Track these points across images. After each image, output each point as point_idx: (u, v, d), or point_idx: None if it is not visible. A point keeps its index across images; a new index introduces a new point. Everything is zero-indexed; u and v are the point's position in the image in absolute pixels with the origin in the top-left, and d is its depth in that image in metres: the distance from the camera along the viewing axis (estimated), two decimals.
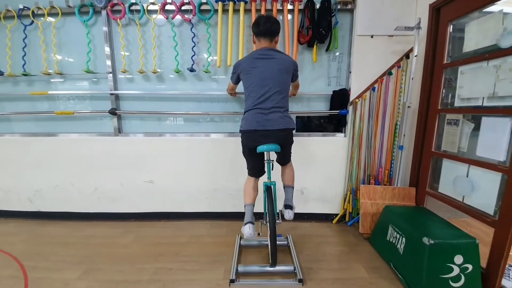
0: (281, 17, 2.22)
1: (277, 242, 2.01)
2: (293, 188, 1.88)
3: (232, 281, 1.62)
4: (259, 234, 1.76)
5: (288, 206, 1.83)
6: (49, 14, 2.23)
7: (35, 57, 2.33)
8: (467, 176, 1.73)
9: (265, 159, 1.75)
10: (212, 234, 2.25)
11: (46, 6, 2.19)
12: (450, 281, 1.47)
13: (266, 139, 1.63)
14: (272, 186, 1.74)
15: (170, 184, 2.46)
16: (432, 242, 1.46)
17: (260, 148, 1.64)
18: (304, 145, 2.37)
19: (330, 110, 2.35)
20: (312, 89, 2.37)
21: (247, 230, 1.65)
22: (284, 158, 1.85)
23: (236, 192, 2.45)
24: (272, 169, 1.74)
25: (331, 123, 2.42)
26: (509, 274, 1.57)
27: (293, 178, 1.89)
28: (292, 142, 1.79)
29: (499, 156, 1.50)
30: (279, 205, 1.89)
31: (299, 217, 2.48)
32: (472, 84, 1.70)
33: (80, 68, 2.27)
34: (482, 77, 1.61)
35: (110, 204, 2.51)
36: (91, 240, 2.17)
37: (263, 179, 1.81)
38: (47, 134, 2.45)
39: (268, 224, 1.67)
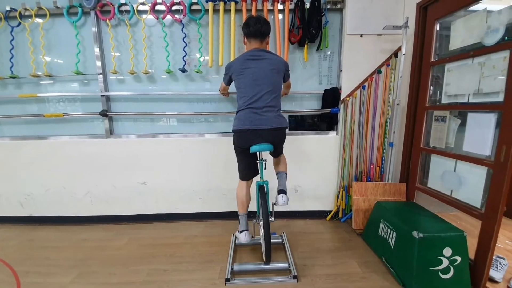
0: (272, 17, 2.23)
1: (272, 240, 2.04)
2: (286, 174, 1.91)
3: (227, 280, 1.63)
4: (253, 236, 1.80)
5: (282, 191, 1.81)
6: (37, 15, 2.19)
7: (23, 59, 2.29)
8: (454, 171, 1.77)
9: (258, 158, 1.76)
10: (206, 234, 2.26)
11: (33, 7, 2.15)
12: (439, 273, 1.50)
13: (259, 139, 1.64)
14: (265, 185, 1.75)
15: (164, 185, 2.45)
16: (421, 235, 1.50)
17: (253, 149, 1.65)
18: (298, 144, 2.39)
19: (322, 108, 2.37)
20: (304, 88, 2.39)
21: (243, 237, 1.78)
22: (277, 153, 1.89)
23: (229, 192, 2.45)
24: (265, 169, 1.76)
25: (324, 121, 2.45)
26: (496, 265, 1.62)
27: (286, 165, 1.94)
28: (284, 140, 1.80)
29: (484, 151, 1.54)
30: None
31: (293, 214, 2.51)
32: (458, 81, 1.74)
33: (70, 69, 2.24)
34: (468, 74, 1.66)
35: (102, 207, 2.48)
36: (84, 243, 2.14)
37: (256, 178, 1.82)
38: (37, 137, 2.40)
39: (261, 222, 1.69)
